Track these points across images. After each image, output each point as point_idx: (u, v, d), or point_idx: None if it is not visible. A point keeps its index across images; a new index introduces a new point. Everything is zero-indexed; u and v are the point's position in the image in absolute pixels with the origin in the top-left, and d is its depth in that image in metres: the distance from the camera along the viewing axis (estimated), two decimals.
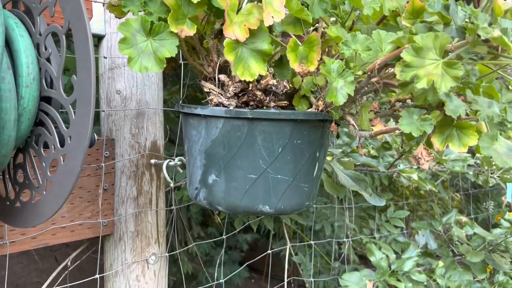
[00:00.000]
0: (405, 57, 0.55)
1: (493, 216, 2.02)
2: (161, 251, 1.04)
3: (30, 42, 0.59)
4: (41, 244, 0.88)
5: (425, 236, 1.62)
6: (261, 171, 0.67)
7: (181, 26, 0.62)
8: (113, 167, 0.98)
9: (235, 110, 0.66)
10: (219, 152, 0.68)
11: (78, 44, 0.55)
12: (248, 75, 0.62)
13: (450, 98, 0.59)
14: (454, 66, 0.54)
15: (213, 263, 1.85)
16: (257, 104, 0.68)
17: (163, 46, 0.63)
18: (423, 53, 0.55)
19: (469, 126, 0.60)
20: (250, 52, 0.62)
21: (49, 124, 0.60)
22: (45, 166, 0.61)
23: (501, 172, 1.43)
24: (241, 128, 0.66)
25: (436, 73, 0.54)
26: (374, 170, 1.39)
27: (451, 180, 2.01)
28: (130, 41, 0.62)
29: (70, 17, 0.55)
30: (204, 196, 0.72)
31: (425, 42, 0.55)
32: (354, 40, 0.65)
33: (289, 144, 0.67)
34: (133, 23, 0.62)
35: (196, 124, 0.71)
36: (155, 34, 0.63)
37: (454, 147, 0.60)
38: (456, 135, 0.60)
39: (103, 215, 0.96)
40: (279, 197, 0.69)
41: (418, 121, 0.59)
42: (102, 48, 0.98)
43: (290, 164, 0.69)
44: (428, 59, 0.55)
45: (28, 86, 0.58)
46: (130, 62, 0.62)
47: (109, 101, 0.98)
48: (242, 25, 0.60)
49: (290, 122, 0.67)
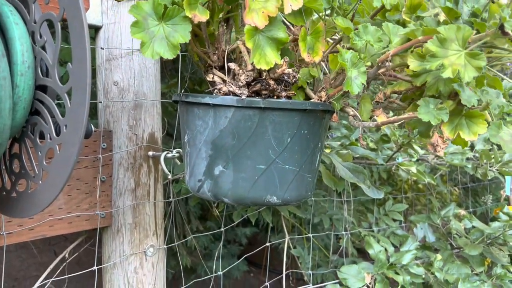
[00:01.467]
0: (430, 47, 0.57)
1: (492, 210, 2.02)
2: (159, 243, 1.04)
3: (25, 30, 0.58)
4: (38, 235, 0.88)
5: (424, 229, 1.62)
6: (270, 161, 0.67)
7: (194, 11, 0.61)
8: (110, 158, 0.97)
9: (248, 100, 0.65)
10: (227, 142, 0.67)
11: (73, 32, 0.54)
12: (264, 63, 0.61)
13: (463, 88, 0.61)
14: (477, 56, 0.56)
15: (212, 256, 1.85)
16: (269, 93, 0.67)
17: (176, 31, 0.61)
18: (447, 44, 0.56)
19: (479, 115, 0.61)
20: (266, 40, 0.61)
21: (45, 113, 0.59)
22: (41, 156, 0.60)
23: (500, 165, 1.43)
24: (252, 117, 0.65)
25: (460, 63, 0.56)
26: (373, 163, 1.39)
27: (449, 174, 2.01)
28: (142, 24, 0.60)
29: (65, 4, 0.54)
30: (209, 188, 0.71)
31: (448, 34, 0.57)
32: (366, 32, 0.65)
33: (298, 134, 0.67)
34: (144, 6, 0.60)
35: (202, 114, 0.69)
36: (168, 18, 0.61)
37: (464, 135, 0.61)
38: (466, 124, 0.62)
39: (100, 207, 0.95)
40: (286, 188, 0.69)
41: (434, 110, 0.60)
42: (99, 39, 0.98)
43: (297, 155, 0.69)
44: (451, 50, 0.57)
45: (23, 74, 0.57)
46: (142, 47, 0.60)
47: (106, 93, 0.98)
48: (261, 12, 0.60)
49: (299, 112, 0.66)
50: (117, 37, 0.97)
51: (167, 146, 1.10)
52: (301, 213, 1.55)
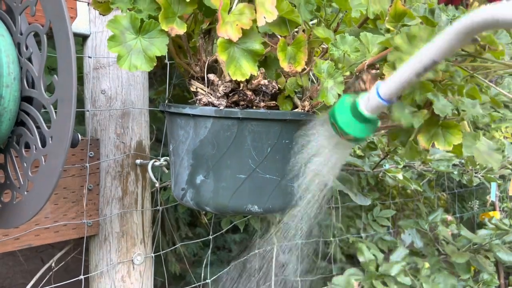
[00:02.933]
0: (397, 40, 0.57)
1: (478, 215, 2.04)
2: (146, 251, 1.04)
3: (10, 42, 0.58)
4: (24, 245, 0.87)
5: (411, 234, 1.63)
6: (250, 171, 0.68)
7: (171, 25, 0.62)
8: (98, 167, 0.97)
9: (225, 110, 0.66)
10: (207, 152, 0.68)
11: (59, 44, 0.54)
12: (240, 75, 0.62)
13: (437, 97, 0.60)
14: None
15: (201, 263, 1.84)
16: (247, 104, 0.68)
17: (153, 45, 0.62)
18: (415, 41, 0.56)
19: (455, 125, 0.62)
20: (241, 52, 0.62)
21: (30, 124, 0.59)
22: (26, 167, 0.60)
23: (485, 172, 1.45)
24: (231, 128, 0.66)
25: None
26: (361, 170, 1.40)
27: (437, 180, 2.03)
28: (119, 38, 0.61)
29: (51, 17, 0.55)
30: (192, 197, 0.72)
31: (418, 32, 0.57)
32: (343, 42, 0.66)
33: (278, 144, 0.68)
34: (122, 20, 0.61)
35: (184, 124, 0.70)
36: (145, 32, 0.62)
37: (439, 145, 0.62)
38: (442, 133, 0.62)
39: (88, 215, 0.95)
40: (268, 197, 0.70)
41: (409, 114, 0.61)
42: (86, 47, 0.98)
43: (278, 164, 0.69)
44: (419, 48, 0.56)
45: (8, 86, 0.57)
46: (119, 61, 0.61)
47: (94, 101, 0.98)
48: (235, 25, 0.60)
49: (279, 122, 0.67)
50: (105, 46, 0.97)
51: (156, 152, 1.10)
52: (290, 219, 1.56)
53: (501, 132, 1.53)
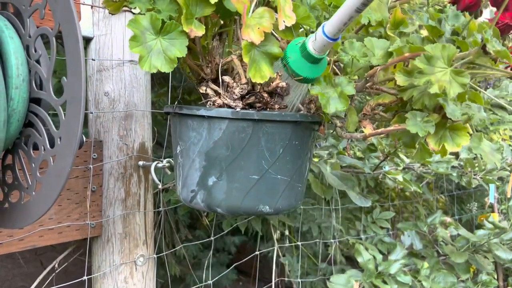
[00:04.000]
0: (418, 64, 0.60)
1: (477, 217, 2.06)
2: (149, 252, 1.04)
3: (19, 44, 0.59)
4: (28, 246, 0.88)
5: (411, 236, 1.64)
6: (263, 171, 0.68)
7: (190, 26, 0.62)
8: (101, 168, 0.98)
9: (242, 112, 0.66)
10: (221, 153, 0.68)
11: (68, 46, 0.55)
12: (259, 77, 0.63)
13: (447, 102, 0.64)
14: (462, 74, 0.59)
15: (201, 265, 1.85)
16: (263, 106, 0.69)
17: (173, 46, 0.62)
18: (433, 61, 0.60)
19: (462, 127, 0.64)
20: (261, 55, 0.63)
21: (39, 125, 0.60)
22: (34, 167, 0.61)
23: (484, 174, 1.47)
24: (246, 129, 0.67)
25: (445, 79, 0.59)
26: (360, 172, 1.41)
27: (436, 182, 2.05)
28: (140, 38, 0.61)
29: (61, 19, 0.56)
30: (203, 199, 0.72)
31: (434, 52, 0.60)
32: (351, 47, 0.68)
33: (289, 145, 0.69)
34: (142, 20, 0.61)
35: (196, 126, 0.70)
36: (165, 33, 0.62)
37: (448, 147, 0.64)
38: (450, 136, 0.65)
39: (91, 216, 0.96)
40: (278, 197, 0.71)
41: (421, 123, 0.63)
42: (90, 50, 0.99)
43: (289, 165, 0.70)
44: (437, 67, 0.60)
45: (17, 87, 0.58)
46: (140, 61, 0.61)
47: (97, 103, 0.98)
48: (256, 28, 0.61)
49: (290, 123, 0.68)
50: (108, 48, 0.98)
51: (157, 155, 1.10)
52: (290, 221, 1.57)
53: (499, 134, 1.54)
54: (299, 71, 0.63)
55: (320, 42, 0.60)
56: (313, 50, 0.61)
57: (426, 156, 0.71)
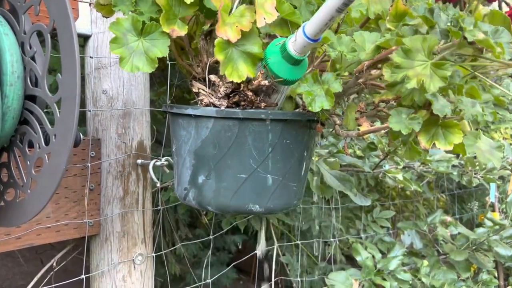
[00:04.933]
0: (395, 58, 0.57)
1: (477, 216, 2.05)
2: (147, 251, 1.04)
3: (14, 41, 0.59)
4: (26, 244, 0.87)
5: (411, 236, 1.64)
6: (251, 170, 0.68)
7: (172, 26, 0.63)
8: (99, 167, 0.97)
9: (226, 110, 0.66)
10: (209, 152, 0.68)
11: (63, 43, 0.55)
12: (236, 76, 0.62)
13: (436, 98, 0.60)
14: (442, 67, 0.56)
15: (201, 264, 1.84)
16: (248, 104, 0.68)
17: (155, 46, 0.63)
18: (412, 54, 0.57)
19: (455, 124, 0.61)
20: (240, 53, 0.63)
21: (34, 123, 0.60)
22: (29, 165, 0.60)
23: (484, 173, 1.46)
24: (232, 128, 0.66)
25: (425, 73, 0.56)
26: (360, 171, 1.41)
27: (436, 181, 2.04)
28: (121, 40, 0.62)
29: (55, 16, 0.55)
30: (194, 197, 0.72)
31: (413, 44, 0.57)
32: (340, 42, 0.66)
33: (279, 143, 0.68)
34: (124, 22, 0.62)
35: (186, 124, 0.71)
36: (146, 34, 0.63)
37: (440, 145, 0.61)
38: (442, 133, 0.62)
39: (89, 215, 0.95)
40: (269, 196, 0.70)
41: (406, 120, 0.61)
42: (88, 48, 0.98)
43: (279, 164, 0.69)
44: (417, 61, 0.57)
45: (12, 84, 0.57)
46: (121, 62, 0.61)
47: (95, 101, 0.98)
48: (234, 26, 0.61)
49: (280, 122, 0.67)
50: (106, 46, 0.97)
51: (156, 153, 1.10)
52: (290, 220, 1.56)
53: (500, 133, 1.54)
54: (279, 72, 0.62)
55: (301, 43, 0.59)
56: (294, 51, 0.60)
57: (415, 155, 0.69)
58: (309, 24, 0.58)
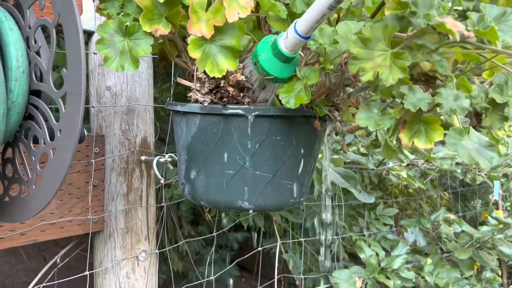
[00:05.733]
0: (352, 49, 0.52)
1: (481, 214, 2.05)
2: (151, 248, 1.04)
3: (19, 36, 0.59)
4: (30, 240, 0.87)
5: (414, 233, 1.64)
6: (238, 167, 0.67)
7: (156, 26, 0.64)
8: (103, 163, 0.97)
9: (209, 107, 0.66)
10: (198, 148, 0.69)
11: (68, 38, 0.55)
12: (217, 71, 0.62)
13: (412, 91, 0.55)
14: (401, 56, 0.51)
15: (204, 262, 1.84)
16: (230, 100, 0.67)
17: (138, 46, 0.65)
18: (371, 44, 0.52)
19: (434, 120, 0.56)
20: (219, 48, 0.63)
21: (39, 118, 0.60)
22: (34, 160, 0.60)
23: (488, 170, 1.45)
24: (217, 124, 0.67)
25: (384, 64, 0.51)
26: (364, 168, 1.40)
27: (439, 179, 2.03)
28: (108, 41, 0.64)
29: (60, 10, 0.55)
30: (188, 191, 0.73)
31: (374, 33, 0.52)
32: (322, 34, 0.62)
33: (267, 140, 0.67)
34: (111, 24, 0.65)
35: (179, 121, 0.72)
36: (130, 34, 0.65)
37: (420, 144, 0.56)
38: (423, 130, 0.57)
39: (93, 211, 0.95)
40: (258, 194, 0.69)
41: (377, 115, 0.57)
42: (92, 44, 0.98)
43: (269, 161, 0.68)
44: (377, 51, 0.52)
45: (17, 79, 0.57)
46: (106, 62, 0.64)
47: (99, 97, 0.98)
48: (209, 22, 0.61)
49: (266, 118, 0.66)
50: None
51: (159, 151, 1.10)
52: (293, 217, 1.56)
53: (504, 131, 1.53)
54: (270, 70, 0.61)
55: (292, 40, 0.58)
56: (285, 49, 0.59)
57: (392, 154, 0.65)
58: (301, 22, 0.57)
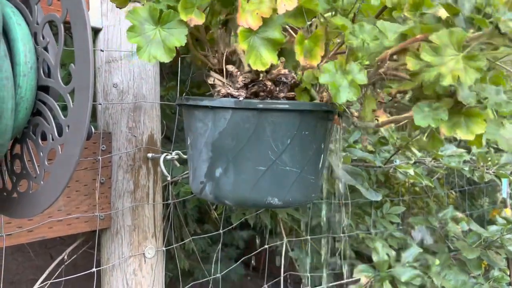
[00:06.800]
0: (425, 58, 0.56)
1: (488, 213, 2.03)
2: (158, 245, 1.04)
3: (27, 31, 0.58)
4: (37, 237, 0.88)
5: (422, 231, 1.62)
6: (270, 162, 0.67)
7: (190, 15, 0.61)
8: (110, 160, 0.97)
9: (245, 101, 0.65)
10: (227, 144, 0.67)
11: (76, 33, 0.54)
12: (260, 64, 0.61)
13: (461, 86, 0.59)
14: (475, 58, 0.56)
15: (210, 260, 1.84)
16: (267, 94, 0.67)
17: (172, 35, 0.62)
18: (441, 50, 0.56)
19: (478, 114, 0.60)
20: (261, 41, 0.62)
21: (47, 114, 0.59)
22: (42, 156, 0.60)
23: (497, 168, 1.44)
24: (251, 119, 0.65)
25: (459, 67, 0.55)
26: (371, 166, 1.40)
27: (446, 177, 2.02)
28: (138, 29, 0.61)
29: (68, 6, 0.55)
30: (211, 190, 0.70)
31: (441, 40, 0.56)
32: (361, 30, 0.64)
33: (298, 135, 0.67)
34: (141, 11, 0.61)
35: (202, 116, 0.69)
36: (164, 22, 0.62)
37: (461, 134, 0.60)
38: (464, 122, 0.61)
39: (100, 208, 0.95)
40: (288, 189, 0.69)
41: (430, 112, 0.60)
42: (99, 41, 0.98)
43: (298, 156, 0.68)
44: (447, 56, 0.56)
45: (25, 75, 0.57)
46: (139, 51, 0.61)
47: (106, 95, 0.98)
48: (254, 14, 0.60)
49: (298, 113, 0.66)
50: (117, 39, 0.97)
51: (165, 148, 1.10)
52: (299, 215, 1.55)
53: None
54: None
55: None
56: None
57: (438, 144, 0.68)
58: None
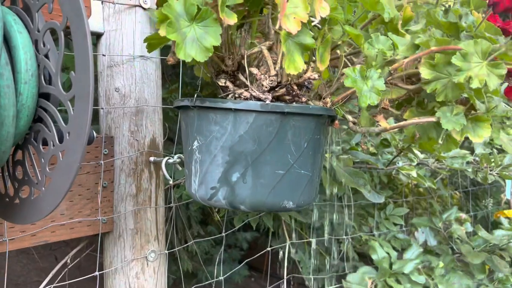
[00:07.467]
0: (456, 62, 0.63)
1: (492, 214, 2.02)
2: (160, 248, 1.04)
3: (28, 39, 0.59)
4: (40, 241, 0.88)
5: (425, 233, 1.62)
6: (288, 166, 0.67)
7: (223, 14, 0.59)
8: (112, 164, 0.98)
9: (272, 104, 0.64)
10: (247, 147, 0.66)
11: (76, 40, 0.55)
12: (293, 68, 0.61)
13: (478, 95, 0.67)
14: (498, 66, 0.62)
15: (213, 261, 1.85)
16: (292, 98, 0.67)
17: (208, 34, 0.59)
18: (468, 57, 0.63)
19: (486, 119, 0.67)
20: (295, 45, 0.62)
21: (48, 121, 0.60)
22: (44, 162, 0.61)
23: (500, 169, 1.44)
24: (274, 122, 0.65)
25: (483, 73, 0.61)
26: (373, 168, 1.39)
27: (450, 178, 2.02)
28: (175, 25, 0.58)
29: (69, 14, 0.55)
30: (225, 196, 0.69)
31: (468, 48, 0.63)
32: (378, 41, 0.68)
33: (312, 139, 0.68)
34: (176, 6, 0.59)
35: (220, 119, 0.66)
36: (200, 20, 0.59)
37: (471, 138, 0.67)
38: (472, 127, 0.67)
39: (102, 212, 0.96)
40: (301, 192, 0.69)
41: (453, 117, 0.66)
42: (100, 45, 0.98)
43: (311, 159, 0.69)
44: (473, 63, 0.63)
45: (26, 82, 0.58)
46: (177, 48, 0.58)
47: (108, 99, 0.98)
48: (292, 18, 0.60)
49: (314, 117, 0.67)
50: (119, 44, 0.98)
51: (168, 151, 1.10)
52: (303, 217, 1.55)
53: None
54: None
55: None
56: None
57: (452, 146, 0.74)
58: None
